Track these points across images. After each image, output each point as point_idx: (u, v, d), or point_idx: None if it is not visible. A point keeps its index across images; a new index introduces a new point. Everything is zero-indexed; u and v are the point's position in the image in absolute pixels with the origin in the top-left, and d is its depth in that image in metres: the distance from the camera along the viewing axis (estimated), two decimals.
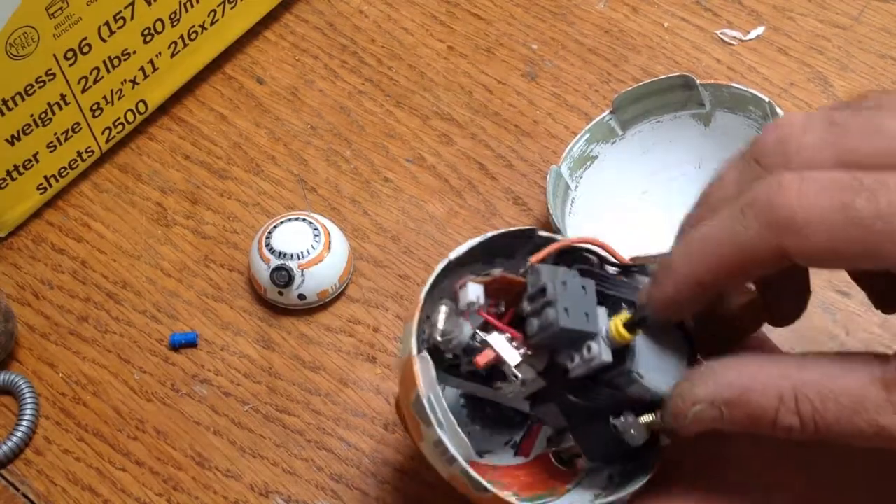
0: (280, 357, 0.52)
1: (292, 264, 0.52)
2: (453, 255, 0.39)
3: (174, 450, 0.50)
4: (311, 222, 0.53)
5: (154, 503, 0.49)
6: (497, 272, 0.38)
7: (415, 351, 0.37)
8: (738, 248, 0.32)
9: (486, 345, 0.37)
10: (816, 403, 0.31)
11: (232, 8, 0.60)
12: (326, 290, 0.53)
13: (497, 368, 0.37)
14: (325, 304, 0.53)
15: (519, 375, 0.37)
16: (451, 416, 0.36)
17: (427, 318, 0.38)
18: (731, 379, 0.33)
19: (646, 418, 0.36)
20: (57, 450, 0.51)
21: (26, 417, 0.51)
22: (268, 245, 0.52)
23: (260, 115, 0.61)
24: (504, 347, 0.37)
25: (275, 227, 0.53)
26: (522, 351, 0.37)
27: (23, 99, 0.53)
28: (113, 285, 0.55)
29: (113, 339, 0.54)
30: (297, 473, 0.49)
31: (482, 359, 0.37)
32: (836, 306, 0.51)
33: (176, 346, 0.53)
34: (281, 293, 0.52)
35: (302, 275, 0.52)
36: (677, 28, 0.62)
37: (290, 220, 0.53)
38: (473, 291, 0.37)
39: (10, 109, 0.52)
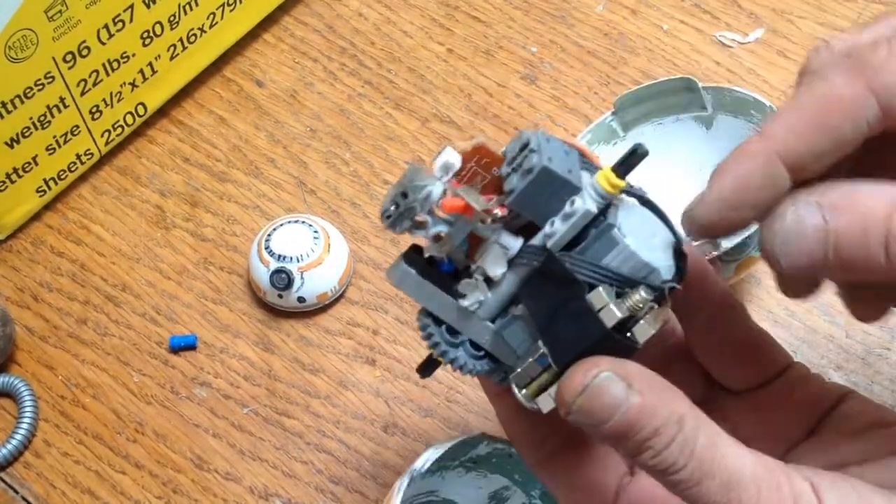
0: (279, 359, 0.52)
1: (292, 267, 0.51)
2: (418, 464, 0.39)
3: (173, 452, 0.50)
4: (310, 225, 0.53)
5: None
6: (479, 140, 0.35)
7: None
8: (825, 100, 0.29)
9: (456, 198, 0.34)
10: None
11: (231, 11, 0.60)
12: (326, 292, 0.53)
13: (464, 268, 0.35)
14: (324, 306, 0.53)
15: (489, 220, 0.34)
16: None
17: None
18: (837, 183, 0.29)
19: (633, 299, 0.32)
20: (56, 453, 0.50)
21: (25, 420, 0.51)
22: (267, 248, 0.52)
23: (259, 117, 0.61)
24: (474, 197, 0.34)
25: (274, 229, 0.53)
26: (497, 213, 0.34)
27: (22, 102, 0.53)
28: (112, 288, 0.55)
29: (112, 341, 0.53)
30: (297, 476, 0.49)
31: (448, 202, 0.34)
32: (836, 308, 0.51)
33: (175, 349, 0.53)
34: (280, 296, 0.52)
35: (301, 277, 0.52)
36: (676, 30, 0.62)
37: (289, 222, 0.53)
38: (451, 155, 0.34)
39: (9, 112, 0.52)
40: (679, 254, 0.34)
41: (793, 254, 0.30)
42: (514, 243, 0.34)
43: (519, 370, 0.34)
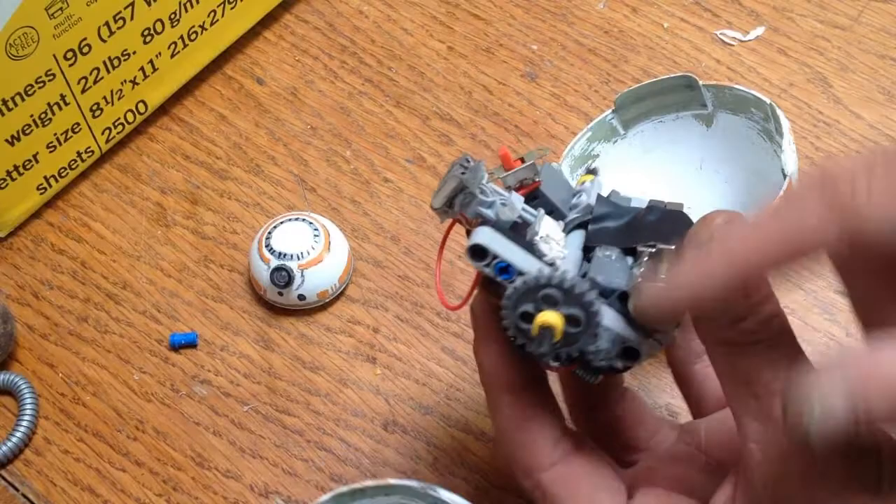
0: (280, 357, 0.52)
1: (292, 265, 0.52)
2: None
3: (174, 450, 0.50)
4: (310, 223, 0.53)
5: (154, 503, 0.49)
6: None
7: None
8: (795, 226, 0.31)
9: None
10: None
11: (232, 8, 0.60)
12: (326, 290, 0.53)
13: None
14: (324, 304, 0.53)
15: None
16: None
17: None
18: (856, 357, 0.30)
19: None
20: (56, 450, 0.51)
21: (26, 418, 0.51)
22: (268, 245, 0.52)
23: (260, 115, 0.61)
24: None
25: (274, 227, 0.53)
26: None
27: (23, 99, 0.53)
28: (113, 286, 0.55)
29: (113, 339, 0.54)
30: (297, 474, 0.49)
31: (503, 150, 0.38)
32: (836, 307, 0.51)
33: (176, 347, 0.53)
34: (281, 293, 0.52)
35: (302, 275, 0.52)
36: (677, 28, 0.62)
37: (289, 220, 0.53)
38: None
39: (10, 110, 0.52)
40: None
41: (823, 435, 0.29)
42: (553, 223, 0.37)
43: (638, 276, 0.35)
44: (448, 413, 0.50)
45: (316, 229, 0.53)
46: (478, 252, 0.35)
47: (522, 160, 0.38)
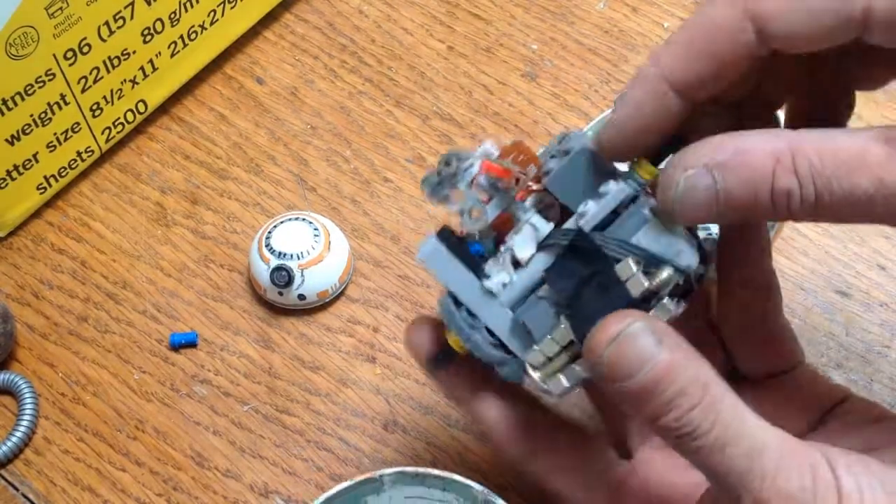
0: (280, 357, 0.52)
1: (292, 264, 0.52)
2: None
3: (174, 450, 0.50)
4: (310, 222, 0.53)
5: (154, 503, 0.49)
6: (517, 142, 0.37)
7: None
8: (704, 27, 0.32)
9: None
10: (814, 160, 0.30)
11: (232, 8, 0.60)
12: (326, 290, 0.53)
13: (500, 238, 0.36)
14: (324, 304, 0.53)
15: (529, 185, 0.35)
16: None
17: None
18: (724, 142, 0.31)
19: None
20: (57, 450, 0.51)
21: (26, 417, 0.51)
22: (268, 245, 0.52)
23: (260, 114, 0.61)
24: (512, 165, 0.35)
25: (274, 227, 0.53)
26: (531, 185, 0.36)
27: (23, 99, 0.53)
28: (113, 285, 0.55)
29: (113, 339, 0.54)
30: (297, 473, 0.49)
31: (488, 164, 0.35)
32: (836, 306, 0.51)
33: (176, 347, 0.53)
34: (281, 293, 0.52)
35: (302, 275, 0.52)
36: (677, 28, 0.62)
37: (289, 220, 0.53)
38: (490, 145, 0.36)
39: (9, 109, 0.52)
40: (701, 249, 0.35)
41: (688, 213, 0.32)
42: (545, 226, 0.35)
43: (536, 348, 0.34)
44: (448, 413, 0.50)
45: (316, 229, 0.53)
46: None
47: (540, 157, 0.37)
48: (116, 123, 0.58)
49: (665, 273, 0.33)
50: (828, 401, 0.39)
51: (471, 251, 0.36)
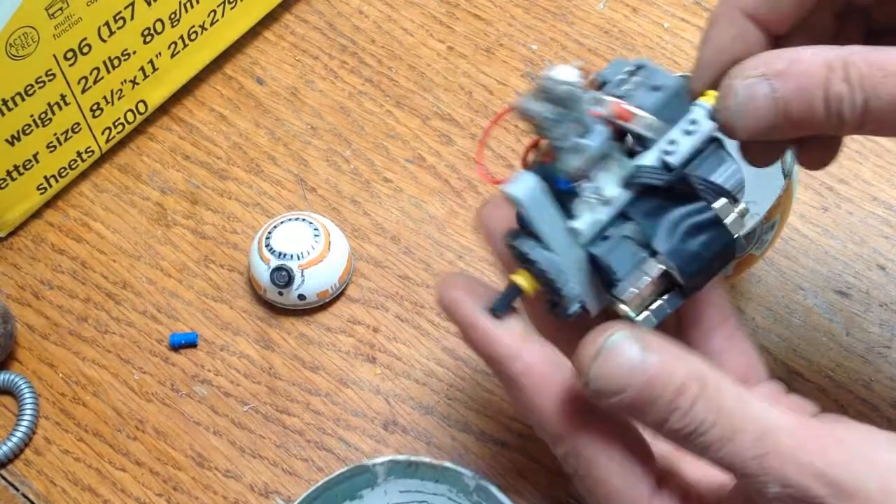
0: (280, 357, 0.52)
1: (292, 264, 0.52)
2: None
3: (174, 450, 0.50)
4: (310, 222, 0.53)
5: (154, 503, 0.49)
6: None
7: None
8: None
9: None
10: (863, 68, 0.32)
11: (232, 8, 0.60)
12: (326, 290, 0.53)
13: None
14: (324, 304, 0.53)
15: (647, 118, 0.34)
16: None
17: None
18: (779, 54, 0.33)
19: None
20: (57, 450, 0.51)
21: (26, 418, 0.51)
22: (268, 245, 0.52)
23: (260, 115, 0.61)
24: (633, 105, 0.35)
25: (275, 227, 0.53)
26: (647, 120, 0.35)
27: (23, 99, 0.53)
28: (113, 285, 0.55)
29: (113, 339, 0.54)
30: (297, 473, 0.49)
31: (616, 106, 0.34)
32: (836, 306, 0.51)
33: (176, 347, 0.53)
34: (281, 293, 0.52)
35: (302, 275, 0.52)
36: (677, 28, 0.62)
37: (289, 220, 0.53)
38: (575, 75, 0.34)
39: (10, 110, 0.52)
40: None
41: (748, 122, 0.33)
42: (628, 163, 0.35)
43: (627, 285, 0.34)
44: (448, 413, 0.50)
45: (316, 229, 0.53)
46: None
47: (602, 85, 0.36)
48: (116, 124, 0.58)
49: (741, 206, 0.34)
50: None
51: (560, 187, 0.35)
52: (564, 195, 0.35)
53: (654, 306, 0.35)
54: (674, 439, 0.32)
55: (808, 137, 0.38)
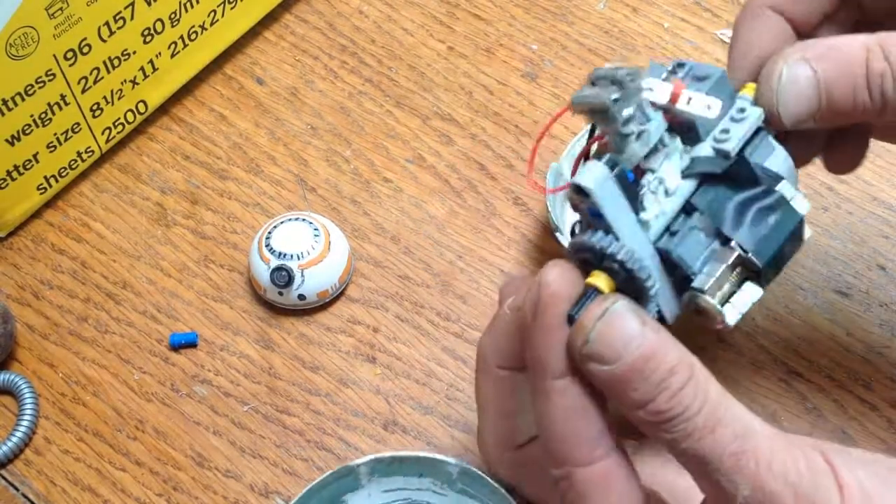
0: (280, 357, 0.52)
1: (292, 264, 0.52)
2: None
3: (174, 450, 0.50)
4: (310, 222, 0.53)
5: (154, 503, 0.49)
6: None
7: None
8: None
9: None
10: None
11: (232, 8, 0.60)
12: (326, 290, 0.53)
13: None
14: (324, 304, 0.53)
15: (706, 99, 0.34)
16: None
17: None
18: (817, 41, 0.34)
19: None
20: (57, 450, 0.51)
21: (26, 417, 0.51)
22: (268, 245, 0.52)
23: (260, 115, 0.61)
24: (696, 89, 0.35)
25: (275, 227, 0.53)
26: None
27: (23, 99, 0.53)
28: (113, 285, 0.55)
29: (113, 339, 0.54)
30: (297, 473, 0.49)
31: (674, 86, 0.34)
32: (836, 306, 0.51)
33: (176, 347, 0.53)
34: (281, 293, 0.52)
35: (302, 275, 0.52)
36: (677, 28, 0.62)
37: (289, 220, 0.53)
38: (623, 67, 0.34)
39: (10, 110, 0.52)
40: None
41: (791, 106, 0.34)
42: (685, 154, 0.35)
43: (706, 276, 0.34)
44: (448, 413, 0.50)
45: (316, 229, 0.53)
46: (581, 189, 0.33)
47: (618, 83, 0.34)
48: (116, 124, 0.58)
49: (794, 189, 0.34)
50: None
51: (626, 178, 0.34)
52: (630, 187, 0.34)
53: (735, 299, 0.34)
54: (651, 423, 0.31)
55: (838, 137, 0.39)
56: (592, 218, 0.34)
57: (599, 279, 0.33)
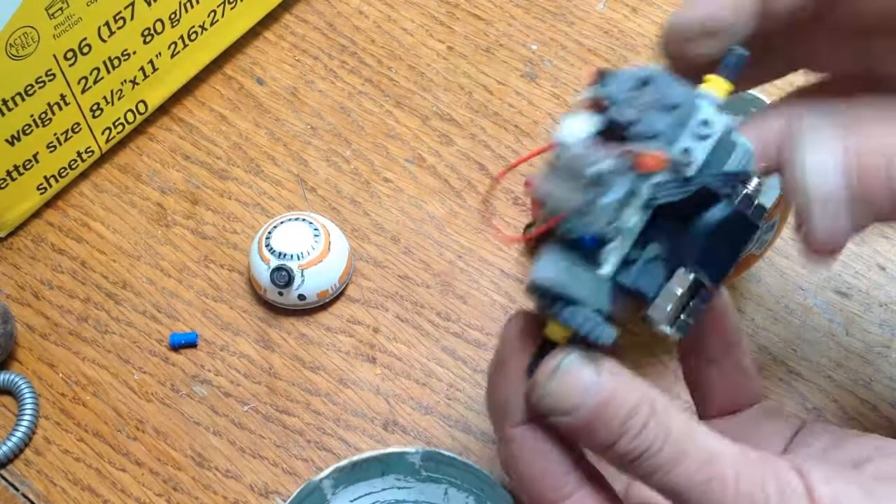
0: (280, 357, 0.52)
1: (292, 264, 0.52)
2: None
3: (174, 450, 0.50)
4: (310, 222, 0.53)
5: (154, 503, 0.49)
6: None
7: None
8: None
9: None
10: None
11: (232, 8, 0.60)
12: (326, 290, 0.53)
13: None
14: (324, 304, 0.53)
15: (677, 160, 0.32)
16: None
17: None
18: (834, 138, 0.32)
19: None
20: (57, 450, 0.51)
21: (26, 418, 0.51)
22: (268, 245, 0.52)
23: (260, 115, 0.61)
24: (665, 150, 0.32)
25: (275, 227, 0.53)
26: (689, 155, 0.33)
27: (23, 99, 0.53)
28: (113, 285, 0.55)
29: (113, 339, 0.54)
30: (297, 473, 0.49)
31: (650, 158, 0.32)
32: (836, 306, 0.51)
33: (176, 347, 0.53)
34: (281, 293, 0.52)
35: (302, 275, 0.52)
36: None
37: (289, 220, 0.53)
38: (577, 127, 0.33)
39: (10, 110, 0.52)
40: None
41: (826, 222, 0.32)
42: (645, 188, 0.33)
43: (661, 302, 0.33)
44: (448, 413, 0.50)
45: (316, 229, 0.53)
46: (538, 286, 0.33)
47: (602, 75, 0.34)
48: (116, 124, 0.58)
49: (755, 181, 0.33)
50: (790, 429, 0.39)
51: (585, 244, 0.33)
52: (589, 249, 0.33)
53: (688, 309, 0.34)
54: (620, 463, 0.32)
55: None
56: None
57: (553, 330, 0.34)
